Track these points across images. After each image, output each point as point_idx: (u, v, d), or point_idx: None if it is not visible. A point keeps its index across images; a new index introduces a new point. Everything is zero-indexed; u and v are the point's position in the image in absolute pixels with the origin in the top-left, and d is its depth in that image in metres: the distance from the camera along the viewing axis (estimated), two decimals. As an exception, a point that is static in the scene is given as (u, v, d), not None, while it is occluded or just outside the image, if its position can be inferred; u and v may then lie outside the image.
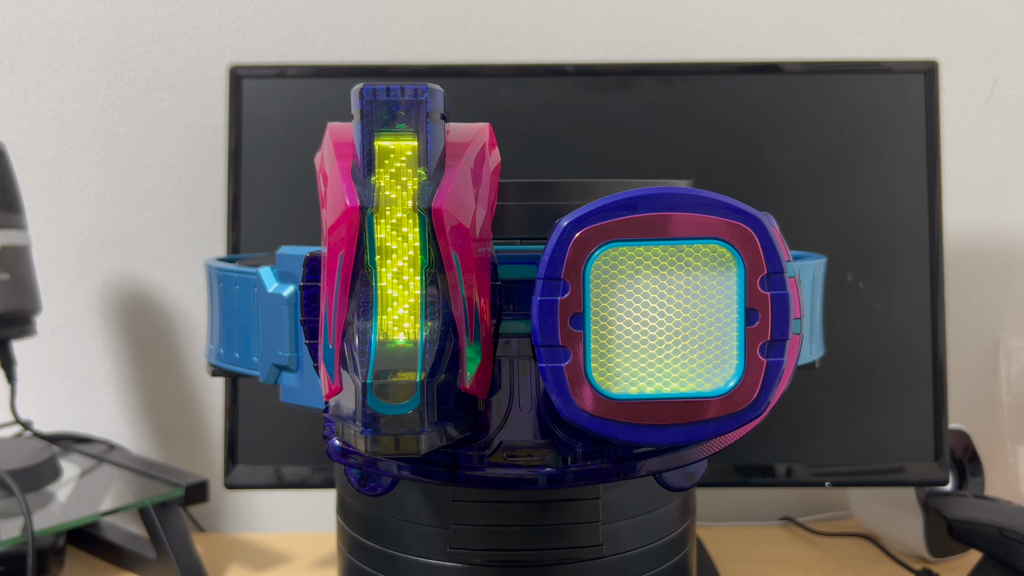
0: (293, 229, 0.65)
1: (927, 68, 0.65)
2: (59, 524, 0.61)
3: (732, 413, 0.32)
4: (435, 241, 0.32)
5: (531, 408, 0.36)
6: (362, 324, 0.32)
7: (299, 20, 0.79)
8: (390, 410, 0.31)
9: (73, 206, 0.81)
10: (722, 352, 0.32)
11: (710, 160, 0.65)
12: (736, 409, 0.32)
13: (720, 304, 0.32)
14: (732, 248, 0.32)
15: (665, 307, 0.32)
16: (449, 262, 0.32)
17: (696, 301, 0.32)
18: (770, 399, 0.32)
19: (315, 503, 0.83)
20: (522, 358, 0.36)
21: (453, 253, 0.32)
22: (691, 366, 0.32)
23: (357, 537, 0.44)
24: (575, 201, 0.40)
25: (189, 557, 0.65)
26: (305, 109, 0.65)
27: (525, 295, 0.36)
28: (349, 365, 0.32)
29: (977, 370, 0.82)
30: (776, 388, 0.32)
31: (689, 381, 0.32)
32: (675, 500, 0.43)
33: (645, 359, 0.32)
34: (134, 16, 0.80)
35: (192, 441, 0.82)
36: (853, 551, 0.73)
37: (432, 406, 0.31)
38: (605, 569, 0.41)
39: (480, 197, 0.34)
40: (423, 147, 0.32)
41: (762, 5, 0.80)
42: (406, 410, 0.31)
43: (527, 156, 0.65)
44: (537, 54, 0.79)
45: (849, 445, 0.65)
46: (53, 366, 0.82)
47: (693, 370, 0.32)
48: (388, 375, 0.31)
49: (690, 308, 0.32)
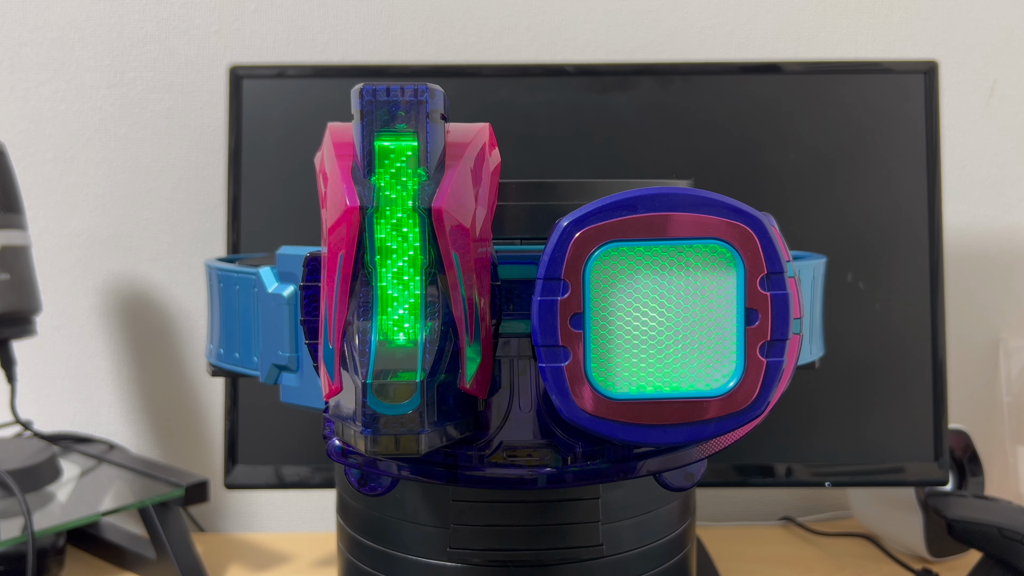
0: (293, 229, 0.65)
1: (927, 68, 0.65)
2: (59, 524, 0.61)
3: (732, 413, 0.32)
4: (435, 241, 0.32)
5: (531, 408, 0.36)
6: (362, 324, 0.32)
7: (299, 20, 0.79)
8: (390, 410, 0.31)
9: (73, 206, 0.81)
10: (722, 352, 0.32)
11: (710, 160, 0.65)
12: (736, 409, 0.32)
13: (720, 304, 0.32)
14: (732, 248, 0.32)
15: (665, 307, 0.32)
16: (449, 262, 0.32)
17: (696, 301, 0.32)
18: (770, 399, 0.32)
19: (315, 503, 0.83)
20: (522, 358, 0.36)
21: (453, 253, 0.32)
22: (691, 366, 0.32)
23: (357, 537, 0.44)
24: (575, 201, 0.40)
25: (189, 557, 0.65)
26: (305, 109, 0.65)
27: (525, 295, 0.36)
28: (349, 365, 0.32)
29: (977, 370, 0.82)
30: (776, 388, 0.32)
31: (689, 381, 0.32)
32: (675, 500, 0.43)
33: (645, 359, 0.32)
34: (134, 16, 0.80)
35: (192, 441, 0.82)
36: (853, 551, 0.73)
37: (432, 406, 0.31)
38: (605, 569, 0.41)
39: (480, 197, 0.34)
40: (423, 147, 0.32)
41: (762, 5, 0.80)
42: (406, 410, 0.31)
43: (527, 156, 0.65)
44: (537, 54, 0.79)
45: (849, 445, 0.65)
46: (53, 366, 0.82)
47: (693, 370, 0.32)
48: (388, 375, 0.31)
49: (690, 308, 0.32)
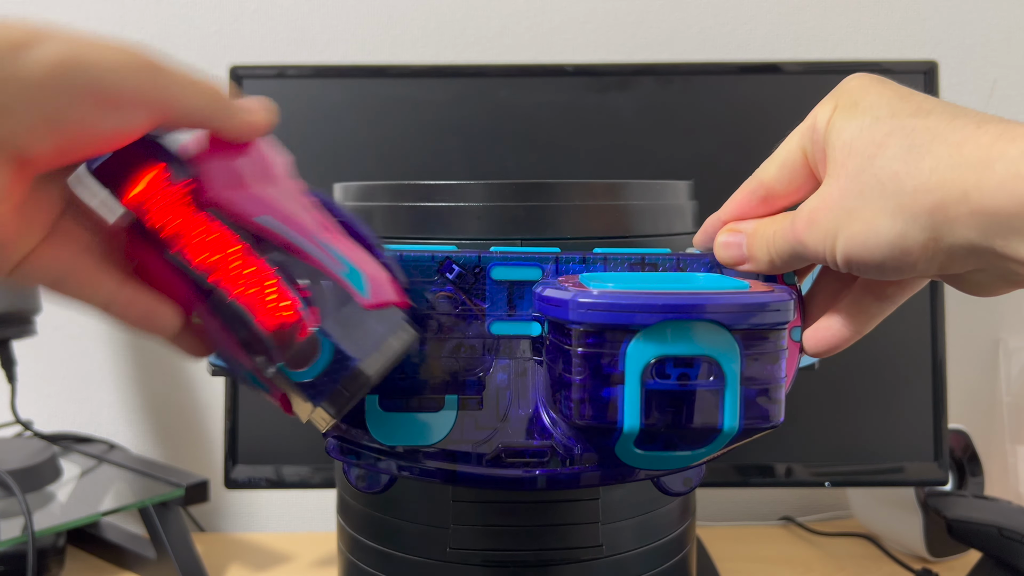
0: (293, 229, 0.65)
1: (927, 68, 0.65)
2: (59, 524, 0.61)
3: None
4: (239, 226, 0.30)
5: (530, 409, 0.36)
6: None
7: (299, 20, 0.79)
8: (306, 375, 0.30)
9: (73, 206, 0.81)
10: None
11: (710, 160, 0.65)
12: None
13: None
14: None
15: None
16: (257, 228, 0.30)
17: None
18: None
19: (315, 503, 0.83)
20: (521, 359, 0.36)
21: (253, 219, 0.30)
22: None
23: (357, 537, 0.44)
24: (575, 201, 0.40)
25: (189, 557, 0.65)
26: (305, 109, 0.65)
27: (525, 296, 0.36)
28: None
29: (977, 370, 0.82)
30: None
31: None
32: (675, 501, 0.43)
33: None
34: (134, 16, 0.80)
35: (192, 441, 0.82)
36: (853, 551, 0.73)
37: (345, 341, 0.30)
38: (605, 569, 0.41)
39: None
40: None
41: (762, 5, 0.80)
42: (318, 371, 0.30)
43: (527, 156, 0.65)
44: (537, 54, 0.79)
45: (849, 445, 0.65)
46: (53, 366, 0.82)
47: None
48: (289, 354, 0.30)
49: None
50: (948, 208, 0.28)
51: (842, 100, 0.32)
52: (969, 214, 0.28)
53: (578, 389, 0.32)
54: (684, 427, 0.32)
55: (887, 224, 0.29)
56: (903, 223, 0.29)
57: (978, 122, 0.29)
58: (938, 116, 0.29)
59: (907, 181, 0.29)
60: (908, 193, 0.29)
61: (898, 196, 0.29)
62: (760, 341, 0.32)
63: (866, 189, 0.30)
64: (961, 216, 0.28)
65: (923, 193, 0.28)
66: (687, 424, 0.32)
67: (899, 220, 0.29)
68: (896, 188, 0.29)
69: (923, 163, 0.29)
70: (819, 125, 0.33)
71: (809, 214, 0.32)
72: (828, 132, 0.32)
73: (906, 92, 0.31)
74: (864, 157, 0.30)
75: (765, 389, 0.32)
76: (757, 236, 0.35)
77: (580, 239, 0.40)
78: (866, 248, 0.30)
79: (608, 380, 0.31)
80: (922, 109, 0.30)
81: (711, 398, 0.31)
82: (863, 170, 0.30)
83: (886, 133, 0.30)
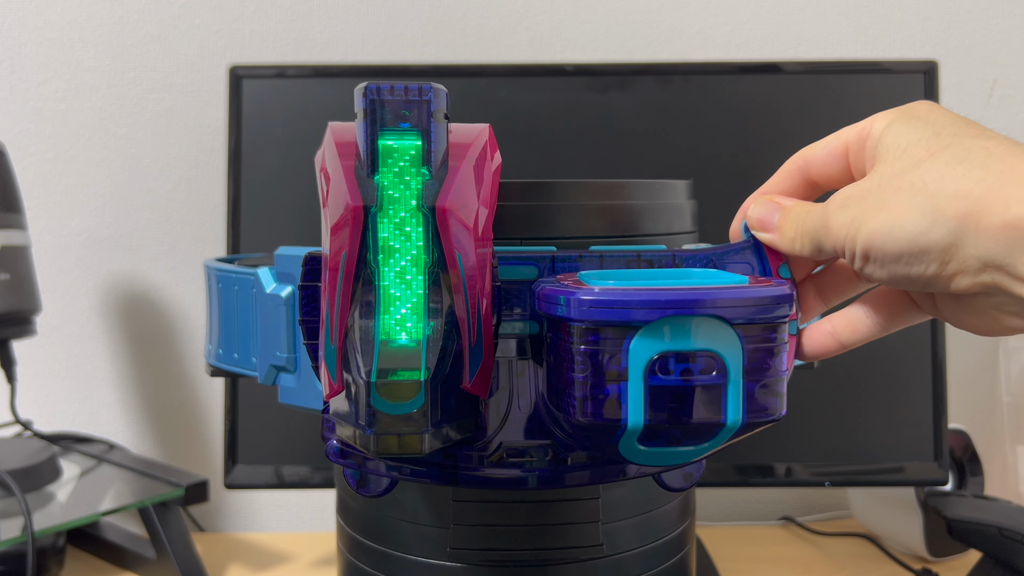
0: (293, 229, 0.65)
1: (927, 68, 0.65)
2: (59, 524, 0.61)
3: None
4: (438, 240, 0.32)
5: (530, 409, 0.36)
6: (364, 323, 0.32)
7: (299, 20, 0.79)
8: (394, 409, 0.31)
9: (73, 206, 0.81)
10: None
11: (710, 160, 0.65)
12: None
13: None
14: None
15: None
16: (452, 261, 0.32)
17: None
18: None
19: (315, 503, 0.83)
20: (521, 359, 0.36)
21: (456, 253, 0.32)
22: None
23: (357, 537, 0.44)
24: (575, 201, 0.40)
25: (189, 557, 0.65)
26: (305, 109, 0.65)
27: (525, 296, 0.36)
28: (351, 365, 0.32)
29: (977, 370, 0.82)
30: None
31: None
32: (674, 500, 0.43)
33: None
34: (134, 16, 0.80)
35: (192, 441, 0.82)
36: (853, 551, 0.73)
37: (435, 405, 0.31)
38: (605, 569, 0.41)
39: (482, 197, 0.34)
40: (427, 146, 0.32)
41: (762, 5, 0.80)
42: (409, 409, 0.31)
43: (527, 156, 0.65)
44: (537, 54, 0.79)
45: (849, 445, 0.65)
46: (53, 366, 0.82)
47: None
48: (391, 374, 0.31)
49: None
50: (981, 218, 0.29)
51: (906, 112, 0.33)
52: (1002, 226, 0.28)
53: (580, 387, 0.32)
54: (688, 422, 0.32)
55: (915, 219, 0.30)
56: (930, 222, 0.30)
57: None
58: (998, 141, 0.30)
59: (950, 184, 0.30)
60: (946, 195, 0.29)
61: (935, 197, 0.30)
62: (762, 334, 0.32)
63: (905, 186, 0.31)
64: (992, 228, 0.29)
65: (962, 199, 0.29)
66: (691, 419, 0.32)
67: (927, 218, 0.30)
68: (936, 189, 0.30)
69: (972, 173, 0.29)
70: (874, 130, 0.33)
71: (843, 198, 0.33)
72: (883, 135, 0.33)
73: (972, 120, 0.32)
74: (914, 160, 0.31)
75: (767, 382, 0.32)
76: (792, 212, 0.36)
77: (579, 238, 0.39)
78: (889, 238, 0.31)
79: (611, 377, 0.31)
80: (984, 134, 0.31)
81: (714, 393, 0.31)
82: (908, 171, 0.31)
83: (943, 146, 0.31)
